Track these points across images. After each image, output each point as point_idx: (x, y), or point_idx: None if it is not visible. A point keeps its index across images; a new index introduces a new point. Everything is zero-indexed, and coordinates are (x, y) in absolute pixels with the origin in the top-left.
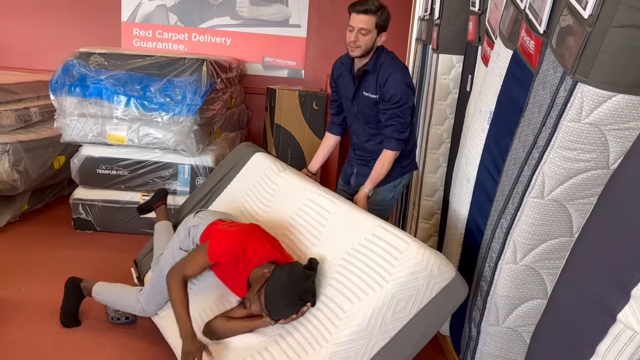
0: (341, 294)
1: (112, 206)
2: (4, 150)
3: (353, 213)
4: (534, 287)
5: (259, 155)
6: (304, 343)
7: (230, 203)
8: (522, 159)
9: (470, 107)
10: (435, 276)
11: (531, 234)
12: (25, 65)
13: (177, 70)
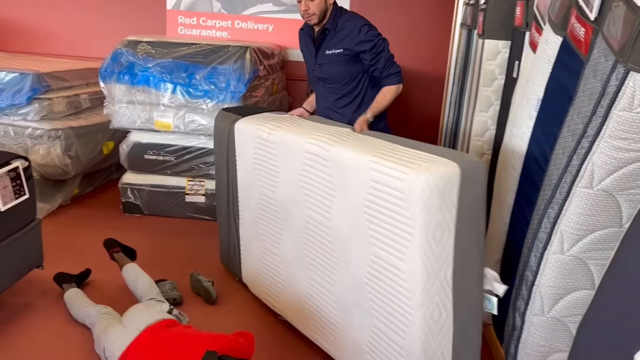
0: (389, 254)
1: (159, 191)
2: (56, 136)
3: (344, 156)
4: (581, 278)
5: (240, 123)
6: (395, 321)
7: (250, 185)
8: (571, 148)
9: (517, 94)
10: (444, 187)
11: (579, 224)
12: (73, 53)
13: (222, 58)
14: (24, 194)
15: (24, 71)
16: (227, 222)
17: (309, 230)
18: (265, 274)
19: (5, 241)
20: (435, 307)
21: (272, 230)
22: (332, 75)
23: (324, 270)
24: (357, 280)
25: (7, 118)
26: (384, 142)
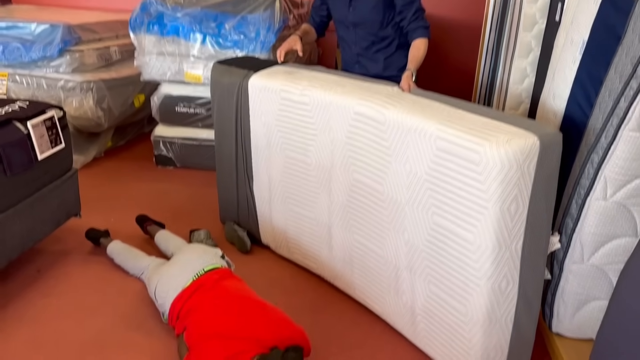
0: (455, 225)
1: (190, 143)
2: (89, 88)
3: (406, 121)
4: (624, 225)
5: (255, 80)
6: (456, 289)
7: (270, 147)
8: (619, 90)
9: (559, 37)
10: (523, 162)
11: (624, 169)
12: (103, 5)
13: (251, 7)
14: (60, 143)
15: (55, 23)
16: (235, 182)
17: (356, 194)
18: (294, 236)
19: (44, 190)
20: (503, 277)
21: (303, 193)
22: (367, 19)
23: (373, 234)
24: (412, 246)
25: (40, 70)
26: (446, 106)
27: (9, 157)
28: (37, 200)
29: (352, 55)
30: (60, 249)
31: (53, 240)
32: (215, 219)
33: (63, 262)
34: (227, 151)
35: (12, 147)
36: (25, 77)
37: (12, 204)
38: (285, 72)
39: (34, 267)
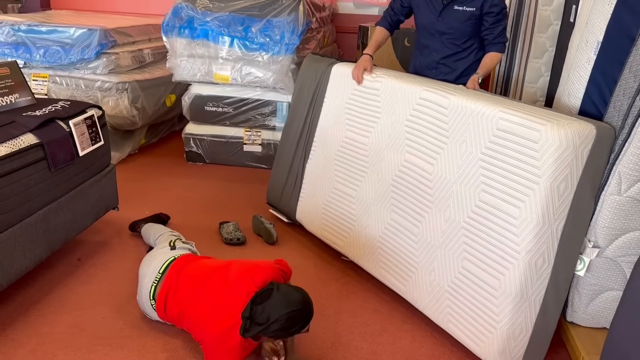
0: (501, 200)
1: (219, 140)
2: (124, 89)
3: (469, 105)
4: (637, 219)
5: (338, 67)
6: (492, 263)
7: (334, 128)
8: (634, 90)
9: (574, 38)
10: (579, 145)
11: (638, 165)
12: (136, 10)
13: (276, 11)
14: (100, 141)
15: (92, 27)
16: (291, 160)
17: (403, 173)
18: (330, 213)
19: (85, 184)
20: (541, 255)
21: (351, 172)
22: (455, 30)
23: (412, 212)
24: (452, 223)
25: (78, 72)
26: (507, 100)
27: (53, 153)
28: (79, 194)
29: (432, 61)
30: (100, 239)
31: (93, 231)
32: (243, 212)
33: (102, 252)
34: (294, 130)
35: (55, 144)
36: (64, 79)
37: (56, 198)
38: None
39: (75, 256)
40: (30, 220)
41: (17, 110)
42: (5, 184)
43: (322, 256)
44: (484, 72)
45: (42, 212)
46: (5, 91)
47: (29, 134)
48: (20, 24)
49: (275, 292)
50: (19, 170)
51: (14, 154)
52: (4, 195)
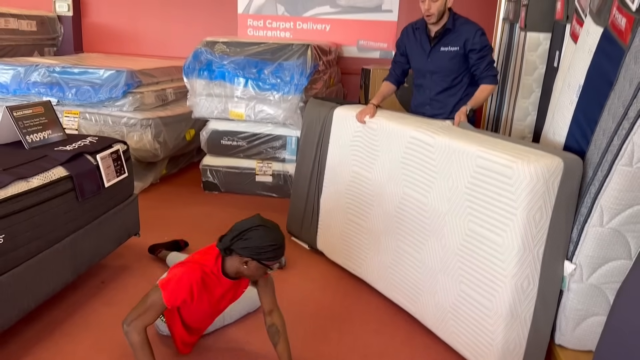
0: (486, 230)
1: (233, 171)
2: (147, 125)
3: (451, 144)
4: (619, 249)
5: (339, 110)
6: (484, 286)
7: (338, 169)
8: (612, 130)
9: (558, 81)
10: (549, 178)
11: (618, 199)
12: (160, 53)
13: (286, 55)
14: (124, 173)
15: (119, 69)
16: (306, 195)
17: (404, 205)
18: (347, 242)
19: (109, 212)
20: (525, 278)
21: (361, 204)
22: (443, 68)
23: (414, 240)
24: (448, 250)
25: (106, 109)
26: (486, 136)
27: (80, 185)
28: (103, 222)
29: (426, 98)
30: (122, 264)
31: (115, 256)
32: None
33: (123, 275)
34: (306, 168)
35: (83, 176)
36: (93, 115)
37: (82, 225)
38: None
39: (99, 279)
40: (58, 246)
41: (49, 145)
42: (37, 213)
43: (327, 279)
44: (473, 104)
45: (69, 238)
46: (40, 128)
47: (59, 167)
48: (55, 65)
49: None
50: (49, 201)
51: (45, 186)
52: (35, 224)
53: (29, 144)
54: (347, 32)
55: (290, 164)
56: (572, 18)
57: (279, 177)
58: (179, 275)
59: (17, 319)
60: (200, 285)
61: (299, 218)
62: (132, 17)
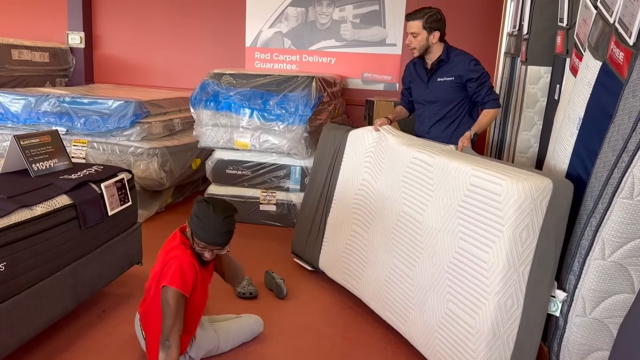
0: (474, 247)
1: (237, 200)
2: (154, 154)
3: (449, 164)
4: (622, 282)
5: (353, 132)
6: (469, 304)
7: (349, 182)
8: (612, 162)
9: (559, 114)
10: (537, 197)
11: (620, 232)
12: (168, 84)
13: (291, 87)
14: (128, 202)
15: (128, 99)
16: (313, 216)
17: (401, 222)
18: (348, 257)
19: (112, 241)
20: (510, 296)
21: (363, 219)
22: (440, 98)
23: (408, 257)
24: (438, 268)
25: (114, 138)
26: (484, 159)
27: (84, 213)
28: (106, 250)
29: (425, 126)
30: (124, 292)
31: (117, 284)
32: (257, 267)
33: (125, 304)
34: (316, 189)
35: (87, 205)
36: (101, 144)
37: (85, 254)
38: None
39: (100, 308)
40: (59, 274)
41: (55, 173)
42: (39, 241)
43: (328, 310)
44: (477, 129)
45: (71, 266)
46: (46, 156)
47: (63, 195)
48: (65, 95)
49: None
50: (52, 229)
51: (49, 214)
52: (37, 251)
53: (35, 172)
54: (352, 64)
55: (294, 193)
56: (572, 52)
57: (282, 206)
58: (177, 264)
59: (15, 347)
60: (197, 262)
61: (303, 238)
62: (143, 49)
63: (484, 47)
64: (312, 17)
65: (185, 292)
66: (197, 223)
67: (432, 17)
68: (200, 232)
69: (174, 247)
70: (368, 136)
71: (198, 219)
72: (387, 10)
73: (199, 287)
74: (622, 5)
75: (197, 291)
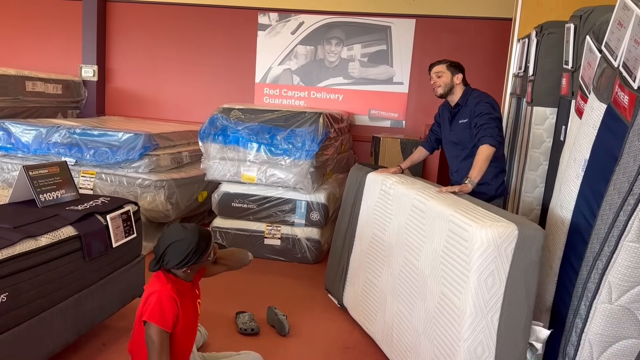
0: (451, 292)
1: (242, 234)
2: (161, 186)
3: (437, 208)
4: (629, 327)
5: (371, 175)
6: (447, 350)
7: (367, 226)
8: (618, 205)
9: (564, 155)
10: (501, 244)
11: (627, 275)
12: (178, 118)
13: (299, 122)
14: (133, 234)
15: (138, 132)
16: (340, 252)
17: (404, 268)
18: (364, 300)
19: (115, 272)
20: (479, 344)
21: (376, 265)
22: (461, 139)
23: (408, 303)
24: (428, 313)
25: (122, 170)
26: (469, 202)
27: (88, 244)
28: (109, 282)
29: (454, 166)
30: (125, 325)
31: (119, 317)
32: (259, 303)
33: (126, 338)
34: (343, 227)
35: (92, 236)
36: (109, 176)
37: (88, 285)
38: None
39: (100, 341)
40: (61, 306)
41: (62, 204)
42: (43, 272)
43: (330, 350)
44: (475, 175)
45: (73, 298)
46: (54, 187)
47: (69, 226)
48: (76, 127)
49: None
50: (56, 259)
51: (53, 244)
52: (39, 282)
53: (42, 202)
54: (360, 101)
55: (299, 228)
56: (577, 94)
57: (287, 240)
58: (155, 299)
59: None
60: (177, 293)
61: (333, 273)
62: (154, 83)
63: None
64: (320, 55)
65: (165, 327)
66: (176, 251)
67: (454, 62)
68: (182, 257)
69: (154, 281)
70: (382, 181)
71: (174, 248)
72: (395, 50)
73: (181, 321)
74: (626, 49)
75: (180, 324)
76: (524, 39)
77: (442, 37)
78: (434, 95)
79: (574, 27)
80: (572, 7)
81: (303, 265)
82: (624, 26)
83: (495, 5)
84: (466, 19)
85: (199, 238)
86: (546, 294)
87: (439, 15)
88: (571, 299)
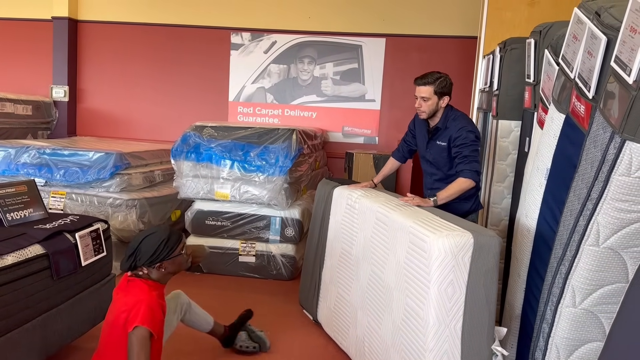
0: (414, 303)
1: (216, 252)
2: (133, 205)
3: (398, 221)
4: (593, 330)
5: (337, 190)
6: (417, 357)
7: (335, 241)
8: (578, 210)
9: (528, 165)
10: (457, 252)
11: (588, 279)
12: (151, 137)
13: (272, 139)
14: (103, 252)
15: (109, 151)
16: (312, 267)
17: (370, 282)
18: (337, 315)
19: (85, 292)
20: (444, 353)
21: (346, 279)
22: (437, 161)
23: (377, 316)
24: (395, 325)
25: (93, 190)
26: (429, 213)
27: (57, 263)
28: (77, 302)
29: (427, 182)
30: (94, 347)
31: (88, 338)
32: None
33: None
34: (314, 243)
35: (60, 254)
36: (80, 196)
37: (56, 305)
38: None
39: None
40: (28, 326)
41: (30, 223)
42: (9, 291)
43: None
44: (443, 196)
45: (41, 318)
46: (21, 206)
47: (36, 244)
48: (45, 147)
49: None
50: (23, 279)
51: (20, 263)
52: (5, 302)
53: (9, 221)
54: (333, 118)
55: (274, 244)
56: (539, 106)
57: (262, 257)
58: (146, 306)
59: None
60: (162, 297)
61: (306, 289)
62: (127, 103)
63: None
64: (293, 74)
65: (156, 332)
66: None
67: (443, 82)
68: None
69: (137, 292)
70: (347, 196)
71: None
72: (366, 68)
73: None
74: (580, 61)
75: (159, 336)
76: (489, 55)
77: (411, 55)
78: (405, 112)
79: (534, 42)
80: (534, 24)
81: (278, 282)
82: (579, 39)
83: (462, 24)
84: (434, 38)
85: (170, 232)
86: (515, 301)
87: (408, 34)
88: (538, 305)
